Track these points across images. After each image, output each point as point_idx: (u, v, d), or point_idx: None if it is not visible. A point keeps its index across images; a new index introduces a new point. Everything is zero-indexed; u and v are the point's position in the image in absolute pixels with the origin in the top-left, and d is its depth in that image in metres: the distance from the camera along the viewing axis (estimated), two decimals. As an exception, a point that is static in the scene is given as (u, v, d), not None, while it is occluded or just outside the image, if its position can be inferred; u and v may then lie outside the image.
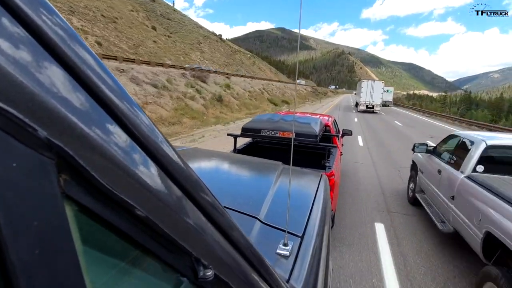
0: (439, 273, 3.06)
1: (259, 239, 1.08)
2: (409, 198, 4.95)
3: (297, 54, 1.24)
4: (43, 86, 0.21)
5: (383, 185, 5.89)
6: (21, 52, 0.20)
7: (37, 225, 0.21)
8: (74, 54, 0.24)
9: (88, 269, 0.25)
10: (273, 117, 3.58)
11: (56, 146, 0.22)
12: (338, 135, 4.53)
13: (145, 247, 0.33)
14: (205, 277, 0.41)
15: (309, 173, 2.00)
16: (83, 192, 0.25)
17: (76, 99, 0.24)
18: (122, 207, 0.28)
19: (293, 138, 1.03)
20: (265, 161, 2.12)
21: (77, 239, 0.24)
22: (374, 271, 3.05)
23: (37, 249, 0.20)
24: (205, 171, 1.78)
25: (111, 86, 0.28)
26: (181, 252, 0.38)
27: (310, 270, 1.00)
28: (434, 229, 3.85)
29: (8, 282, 0.19)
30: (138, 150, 0.31)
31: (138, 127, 0.31)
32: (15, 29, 0.20)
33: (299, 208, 1.37)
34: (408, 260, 3.30)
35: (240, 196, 1.43)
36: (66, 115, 0.22)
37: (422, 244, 3.64)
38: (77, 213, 0.25)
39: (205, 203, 0.42)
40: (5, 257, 0.19)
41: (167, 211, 0.34)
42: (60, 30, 0.24)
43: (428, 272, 3.09)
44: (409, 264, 3.22)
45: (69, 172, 0.23)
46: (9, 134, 0.19)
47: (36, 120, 0.20)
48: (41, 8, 0.22)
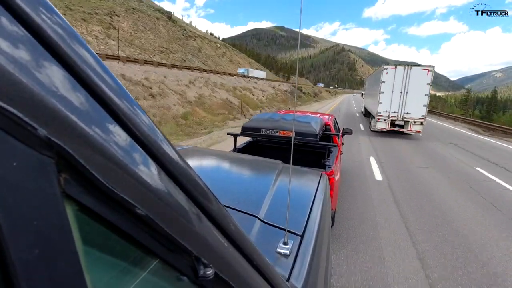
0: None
1: (259, 238, 1.08)
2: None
3: (298, 53, 1.23)
4: (43, 85, 0.21)
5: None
6: (21, 51, 0.20)
7: (37, 224, 0.20)
8: (74, 53, 0.24)
9: (89, 269, 0.25)
10: (273, 116, 3.60)
11: (56, 145, 0.22)
12: (338, 134, 4.53)
13: (146, 246, 0.33)
14: (205, 276, 0.41)
15: (309, 172, 2.01)
16: (83, 191, 0.25)
17: (76, 98, 0.24)
18: (122, 206, 0.28)
19: (293, 137, 1.03)
20: (265, 160, 2.12)
21: (77, 239, 0.24)
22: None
23: (37, 249, 0.20)
24: (205, 170, 1.78)
25: (111, 85, 0.28)
26: (181, 251, 0.38)
27: (310, 269, 1.00)
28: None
29: (8, 282, 0.19)
30: (138, 149, 0.31)
31: (138, 126, 0.31)
32: (15, 28, 0.20)
33: (299, 207, 1.37)
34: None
35: (240, 195, 1.43)
36: (66, 114, 0.22)
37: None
38: (77, 213, 0.25)
39: (205, 202, 0.42)
40: (5, 257, 0.19)
41: (167, 210, 0.34)
42: (60, 29, 0.24)
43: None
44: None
45: (69, 171, 0.23)
46: (9, 133, 0.19)
47: (36, 119, 0.20)
48: (41, 7, 0.22)
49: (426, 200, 5.06)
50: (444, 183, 6.15)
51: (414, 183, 6.03)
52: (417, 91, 11.60)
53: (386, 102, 12.09)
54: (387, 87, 11.99)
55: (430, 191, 5.57)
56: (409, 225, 4.07)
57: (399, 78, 11.83)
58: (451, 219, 4.32)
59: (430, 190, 5.63)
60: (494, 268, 3.11)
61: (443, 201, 5.08)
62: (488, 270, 3.07)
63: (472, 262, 3.20)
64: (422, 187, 5.76)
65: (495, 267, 3.14)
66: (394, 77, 11.85)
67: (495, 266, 3.16)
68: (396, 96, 11.95)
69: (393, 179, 6.18)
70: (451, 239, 3.71)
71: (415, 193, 5.41)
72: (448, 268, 3.06)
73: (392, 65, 12.08)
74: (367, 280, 2.78)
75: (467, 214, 4.57)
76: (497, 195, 5.57)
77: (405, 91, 11.80)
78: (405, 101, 11.84)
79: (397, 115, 12.04)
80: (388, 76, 12.00)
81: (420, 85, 11.53)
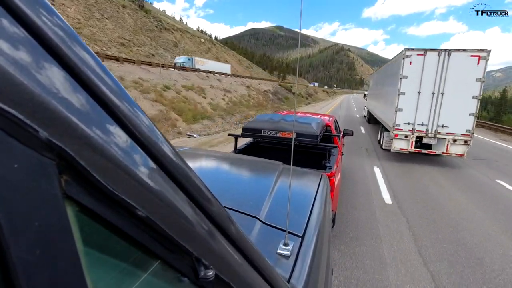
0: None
1: (259, 239, 1.08)
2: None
3: (298, 53, 1.23)
4: (43, 87, 0.21)
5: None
6: (21, 53, 0.20)
7: (38, 225, 0.21)
8: (74, 54, 0.24)
9: (89, 269, 0.25)
10: (274, 117, 3.61)
11: (57, 147, 0.22)
12: (339, 135, 4.54)
13: (146, 247, 0.33)
14: (206, 277, 0.41)
15: (310, 173, 2.00)
16: (84, 192, 0.25)
17: (77, 99, 0.24)
18: (123, 207, 0.28)
19: (293, 138, 1.03)
20: (266, 161, 2.12)
21: (78, 240, 0.24)
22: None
23: (38, 250, 0.21)
24: (206, 171, 1.78)
25: (111, 86, 0.28)
26: (182, 252, 0.38)
27: (311, 270, 1.00)
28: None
29: (9, 282, 0.19)
30: (138, 150, 0.31)
31: (139, 127, 0.31)
32: (15, 29, 0.20)
33: (299, 208, 1.37)
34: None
35: (240, 196, 1.43)
36: (66, 116, 0.22)
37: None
38: (78, 214, 0.25)
39: (206, 203, 0.42)
40: (6, 257, 0.19)
41: (167, 212, 0.34)
42: (60, 31, 0.24)
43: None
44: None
45: (70, 173, 0.23)
46: (10, 135, 0.19)
47: (36, 121, 0.20)
48: (41, 8, 0.22)
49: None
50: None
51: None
52: (460, 91, 7.14)
53: (409, 108, 7.54)
54: (410, 86, 7.43)
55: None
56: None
57: (430, 70, 7.26)
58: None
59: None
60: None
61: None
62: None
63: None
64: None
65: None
66: (422, 69, 7.29)
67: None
68: (426, 100, 7.40)
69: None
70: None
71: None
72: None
73: (420, 49, 7.35)
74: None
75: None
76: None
77: (439, 92, 7.26)
78: (440, 107, 7.34)
79: (427, 129, 7.51)
80: (412, 68, 7.34)
81: (465, 82, 7.12)
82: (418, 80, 7.42)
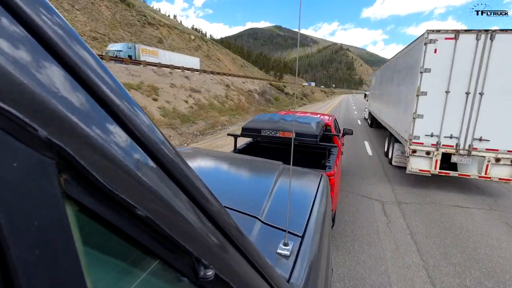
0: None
1: (259, 239, 1.08)
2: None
3: (297, 53, 1.24)
4: (43, 86, 0.21)
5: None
6: (21, 52, 0.20)
7: (37, 225, 0.21)
8: (74, 53, 0.24)
9: (89, 269, 0.25)
10: (273, 117, 3.61)
11: (57, 146, 0.22)
12: (339, 135, 4.54)
13: (146, 247, 0.33)
14: (205, 277, 0.41)
15: (310, 173, 2.00)
16: (84, 192, 0.25)
17: (77, 99, 0.24)
18: (123, 207, 0.28)
19: (293, 138, 1.03)
20: (265, 161, 2.12)
21: (78, 239, 0.24)
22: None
23: (37, 249, 0.20)
24: (206, 171, 1.78)
25: (111, 86, 0.28)
26: (182, 252, 0.38)
27: (311, 270, 1.00)
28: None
29: (9, 282, 0.19)
30: (138, 150, 0.30)
31: (139, 127, 0.31)
32: (15, 29, 0.20)
33: (299, 208, 1.37)
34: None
35: (240, 196, 1.43)
36: (66, 115, 0.22)
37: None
38: (77, 213, 0.25)
39: (206, 203, 0.42)
40: (6, 257, 0.19)
41: (167, 211, 0.34)
42: (60, 30, 0.24)
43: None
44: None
45: (69, 172, 0.23)
46: (10, 134, 0.19)
47: (36, 120, 0.20)
48: (41, 8, 0.22)
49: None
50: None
51: None
52: (508, 90, 4.94)
53: (433, 114, 5.33)
54: (435, 82, 5.22)
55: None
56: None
57: (464, 60, 5.04)
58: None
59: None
60: None
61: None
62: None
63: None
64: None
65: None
66: (452, 58, 5.06)
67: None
68: (457, 102, 5.20)
69: None
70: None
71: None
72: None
73: (449, 30, 5.09)
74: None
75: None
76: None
77: (476, 91, 5.07)
78: (477, 112, 5.13)
79: (458, 143, 5.31)
80: (438, 57, 5.12)
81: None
82: (446, 74, 5.13)
